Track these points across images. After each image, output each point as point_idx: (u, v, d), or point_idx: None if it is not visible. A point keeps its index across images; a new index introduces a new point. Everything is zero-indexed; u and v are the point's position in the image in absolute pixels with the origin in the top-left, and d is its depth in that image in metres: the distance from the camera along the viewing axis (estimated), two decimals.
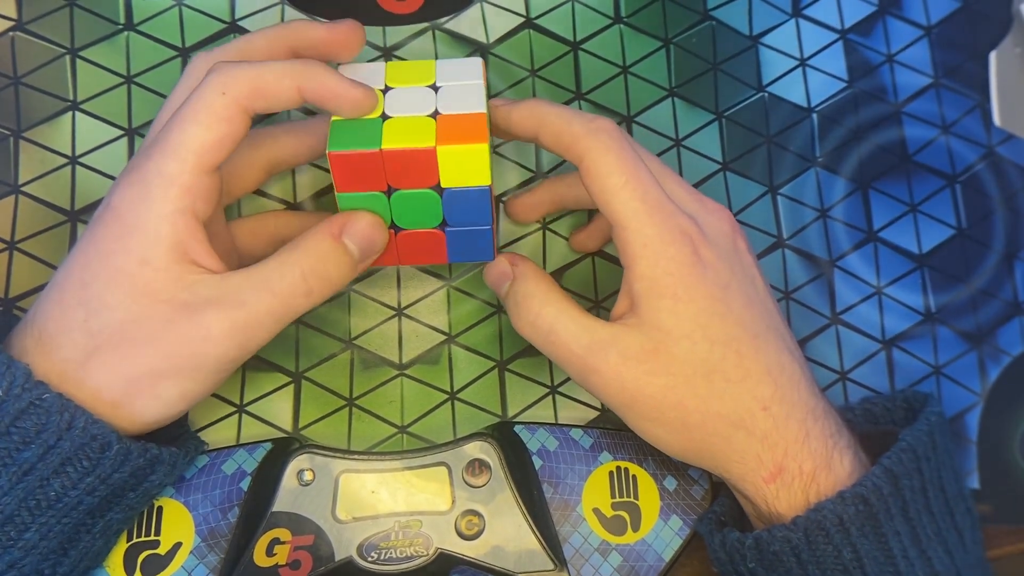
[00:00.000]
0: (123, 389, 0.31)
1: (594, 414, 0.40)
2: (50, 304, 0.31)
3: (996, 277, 0.45)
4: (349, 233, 0.33)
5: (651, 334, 0.32)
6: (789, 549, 0.31)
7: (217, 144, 0.31)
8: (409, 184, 0.33)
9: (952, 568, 0.32)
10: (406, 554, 0.37)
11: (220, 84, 0.31)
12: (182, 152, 0.31)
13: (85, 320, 0.31)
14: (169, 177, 0.31)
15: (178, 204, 0.31)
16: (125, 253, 0.31)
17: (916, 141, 0.46)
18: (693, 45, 0.45)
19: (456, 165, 0.32)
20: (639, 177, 0.33)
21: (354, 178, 0.32)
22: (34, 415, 0.29)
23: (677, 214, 0.33)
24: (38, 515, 0.30)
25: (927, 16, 0.48)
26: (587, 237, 0.41)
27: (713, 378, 0.32)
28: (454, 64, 0.35)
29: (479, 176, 0.33)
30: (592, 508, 0.38)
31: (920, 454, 0.32)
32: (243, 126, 0.31)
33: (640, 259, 0.33)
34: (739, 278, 0.34)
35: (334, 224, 0.33)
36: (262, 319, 0.31)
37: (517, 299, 0.35)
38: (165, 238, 0.31)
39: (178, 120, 0.31)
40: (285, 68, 0.31)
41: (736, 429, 0.32)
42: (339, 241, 0.33)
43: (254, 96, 0.31)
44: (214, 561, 0.36)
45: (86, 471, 0.30)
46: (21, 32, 0.42)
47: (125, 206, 0.31)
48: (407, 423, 0.40)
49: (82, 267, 0.31)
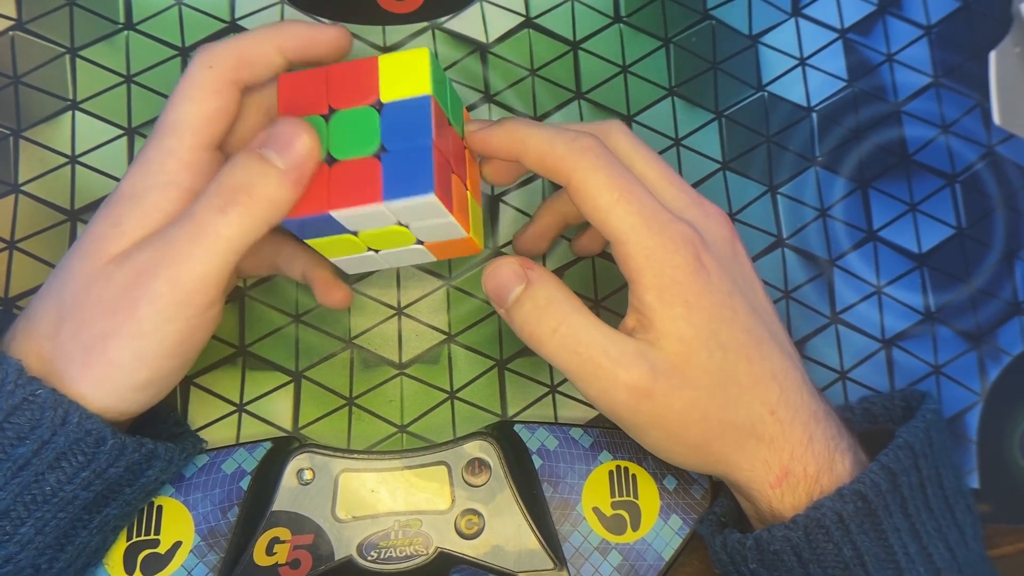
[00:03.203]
0: (82, 359, 0.30)
1: (594, 413, 0.40)
2: (38, 293, 0.32)
3: (996, 277, 0.45)
4: (267, 141, 0.30)
5: (672, 347, 0.31)
6: (789, 548, 0.31)
7: (211, 117, 0.32)
8: (349, 101, 0.32)
9: (954, 564, 0.32)
10: (406, 553, 0.37)
11: (206, 60, 0.32)
12: (179, 128, 0.32)
13: (59, 294, 0.31)
14: (168, 150, 0.32)
15: (174, 177, 0.31)
16: (103, 219, 0.31)
17: (916, 141, 0.46)
18: (693, 44, 0.45)
19: (397, 76, 0.31)
20: (631, 191, 0.32)
21: (297, 98, 0.32)
22: (28, 411, 0.30)
23: (675, 221, 0.32)
24: (34, 510, 0.30)
25: (927, 16, 0.48)
26: (589, 241, 0.41)
27: (728, 387, 0.32)
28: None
29: (420, 85, 0.31)
30: (592, 507, 0.38)
31: (917, 451, 0.32)
32: (234, 99, 0.33)
33: (645, 270, 0.32)
34: (740, 284, 0.33)
35: (254, 140, 0.31)
36: (186, 250, 0.30)
37: (537, 304, 0.32)
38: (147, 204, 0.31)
39: (171, 101, 0.32)
40: (263, 32, 0.33)
41: (748, 437, 0.32)
42: (253, 151, 0.30)
43: (240, 66, 0.32)
44: (214, 560, 0.36)
45: (81, 466, 0.30)
46: (21, 32, 0.42)
47: (127, 185, 0.32)
48: (407, 422, 0.40)
49: (70, 253, 0.32)
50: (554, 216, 0.39)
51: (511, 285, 0.33)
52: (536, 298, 0.32)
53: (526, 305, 0.33)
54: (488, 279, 0.33)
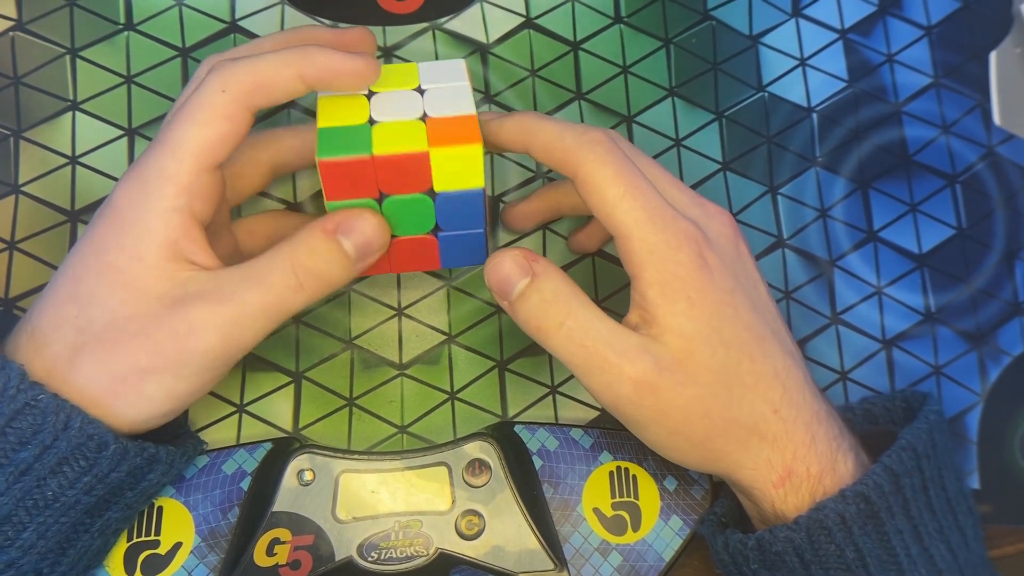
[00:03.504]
0: (108, 386, 0.31)
1: (594, 414, 0.40)
2: (44, 301, 0.32)
3: (996, 277, 0.45)
4: (345, 231, 0.32)
5: (675, 342, 0.32)
6: (792, 549, 0.31)
7: (217, 142, 0.31)
8: (401, 189, 0.32)
9: (955, 566, 0.32)
10: (406, 554, 0.37)
11: (220, 82, 0.31)
12: (180, 151, 0.31)
13: (76, 316, 0.31)
14: (167, 175, 0.31)
15: (174, 202, 0.31)
16: (119, 249, 0.31)
17: (916, 141, 0.46)
18: (693, 45, 0.45)
19: (450, 168, 0.32)
20: (637, 186, 0.32)
21: (345, 185, 0.32)
22: (30, 416, 0.29)
23: (679, 219, 0.32)
24: (36, 515, 0.30)
25: (927, 16, 0.48)
26: (586, 238, 0.41)
27: (732, 384, 0.32)
28: (437, 66, 0.35)
29: (473, 178, 0.32)
30: (592, 508, 0.38)
31: (920, 452, 0.32)
32: (244, 124, 0.31)
33: (648, 265, 0.32)
34: (743, 282, 0.33)
35: (329, 220, 0.32)
36: (250, 313, 0.31)
37: (544, 297, 0.32)
38: (157, 235, 0.31)
39: (178, 119, 0.31)
40: (283, 57, 0.31)
41: (751, 435, 0.32)
42: (332, 237, 0.32)
43: (255, 91, 0.31)
44: (214, 561, 0.36)
45: (83, 470, 0.30)
46: (21, 32, 0.42)
47: (124, 203, 0.31)
48: (407, 423, 0.40)
49: (76, 264, 0.32)
50: (546, 202, 0.40)
51: (515, 279, 0.33)
52: (543, 291, 0.32)
53: (532, 299, 0.32)
54: (491, 272, 0.33)
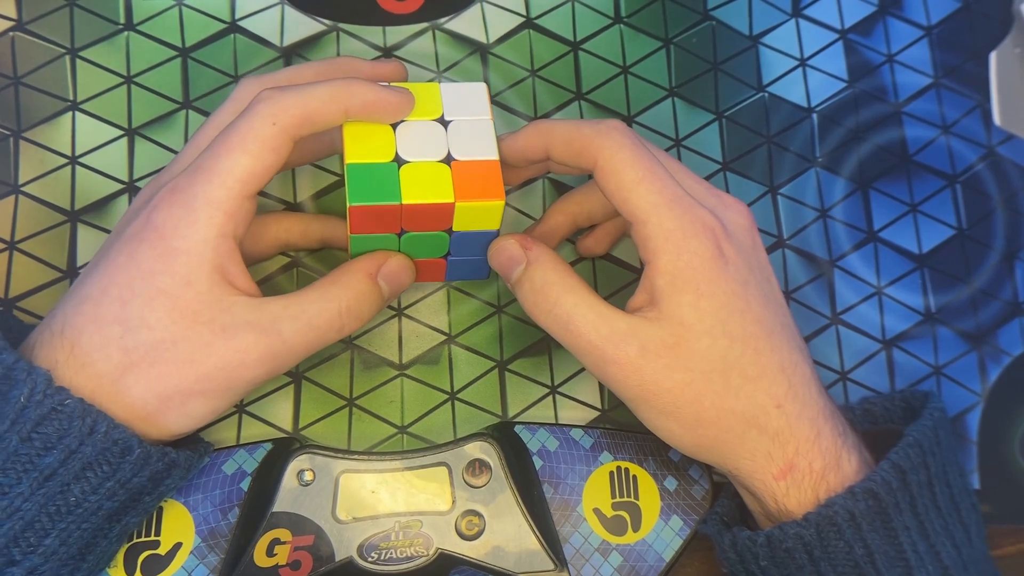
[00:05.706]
0: (156, 405, 0.31)
1: (595, 414, 0.40)
2: (83, 319, 0.31)
3: (996, 277, 0.45)
4: (383, 274, 0.35)
5: (672, 328, 0.32)
6: (801, 546, 0.31)
7: (263, 172, 0.32)
8: (423, 228, 0.35)
9: (959, 562, 0.32)
10: (406, 554, 0.37)
11: (271, 114, 0.32)
12: (230, 180, 0.31)
13: (121, 337, 0.31)
14: (216, 203, 0.31)
15: (222, 229, 0.32)
16: (170, 275, 0.31)
17: (916, 141, 0.46)
18: (693, 45, 0.45)
19: (471, 216, 0.34)
20: (655, 172, 0.33)
21: (371, 224, 0.34)
22: (56, 420, 0.29)
23: (697, 207, 0.33)
24: (58, 520, 0.30)
25: (927, 16, 0.48)
26: (594, 242, 0.41)
27: (731, 375, 0.32)
28: (459, 90, 0.35)
29: (490, 224, 0.35)
30: (592, 508, 0.38)
31: (926, 449, 0.32)
32: (287, 153, 0.32)
33: (662, 252, 0.32)
34: (756, 275, 0.34)
35: (371, 263, 0.35)
36: (295, 349, 0.33)
37: (534, 286, 0.34)
38: (208, 261, 0.31)
39: (226, 146, 0.32)
40: (330, 92, 0.32)
41: (749, 427, 0.32)
42: (375, 281, 0.35)
43: (303, 124, 0.32)
44: (214, 561, 0.36)
45: (106, 476, 0.31)
46: (21, 32, 0.42)
47: (170, 228, 0.31)
48: (407, 423, 0.40)
49: (121, 285, 0.31)
50: (564, 216, 0.40)
51: (513, 264, 0.35)
52: (533, 279, 0.34)
53: (525, 285, 0.35)
54: (493, 256, 0.36)
